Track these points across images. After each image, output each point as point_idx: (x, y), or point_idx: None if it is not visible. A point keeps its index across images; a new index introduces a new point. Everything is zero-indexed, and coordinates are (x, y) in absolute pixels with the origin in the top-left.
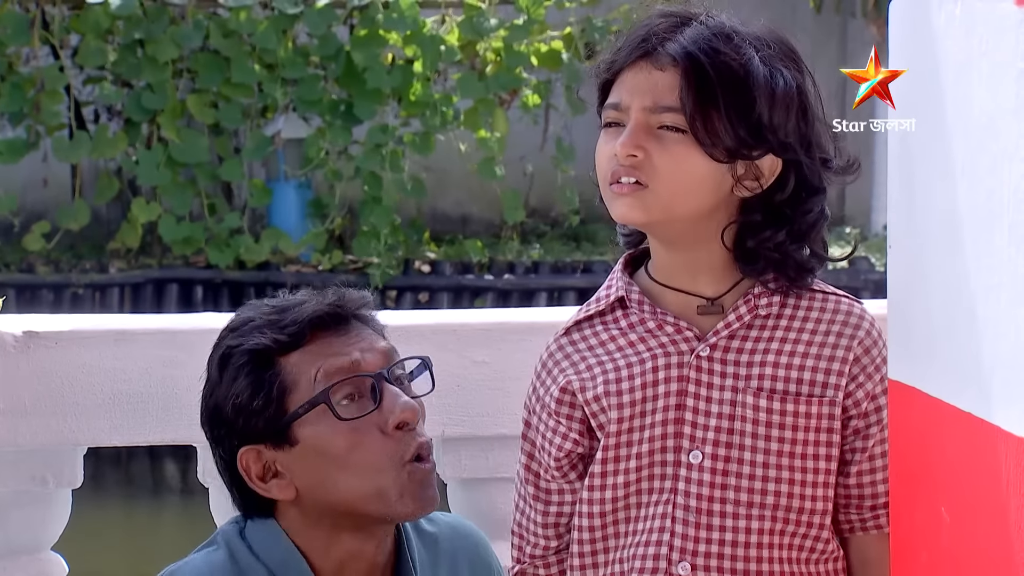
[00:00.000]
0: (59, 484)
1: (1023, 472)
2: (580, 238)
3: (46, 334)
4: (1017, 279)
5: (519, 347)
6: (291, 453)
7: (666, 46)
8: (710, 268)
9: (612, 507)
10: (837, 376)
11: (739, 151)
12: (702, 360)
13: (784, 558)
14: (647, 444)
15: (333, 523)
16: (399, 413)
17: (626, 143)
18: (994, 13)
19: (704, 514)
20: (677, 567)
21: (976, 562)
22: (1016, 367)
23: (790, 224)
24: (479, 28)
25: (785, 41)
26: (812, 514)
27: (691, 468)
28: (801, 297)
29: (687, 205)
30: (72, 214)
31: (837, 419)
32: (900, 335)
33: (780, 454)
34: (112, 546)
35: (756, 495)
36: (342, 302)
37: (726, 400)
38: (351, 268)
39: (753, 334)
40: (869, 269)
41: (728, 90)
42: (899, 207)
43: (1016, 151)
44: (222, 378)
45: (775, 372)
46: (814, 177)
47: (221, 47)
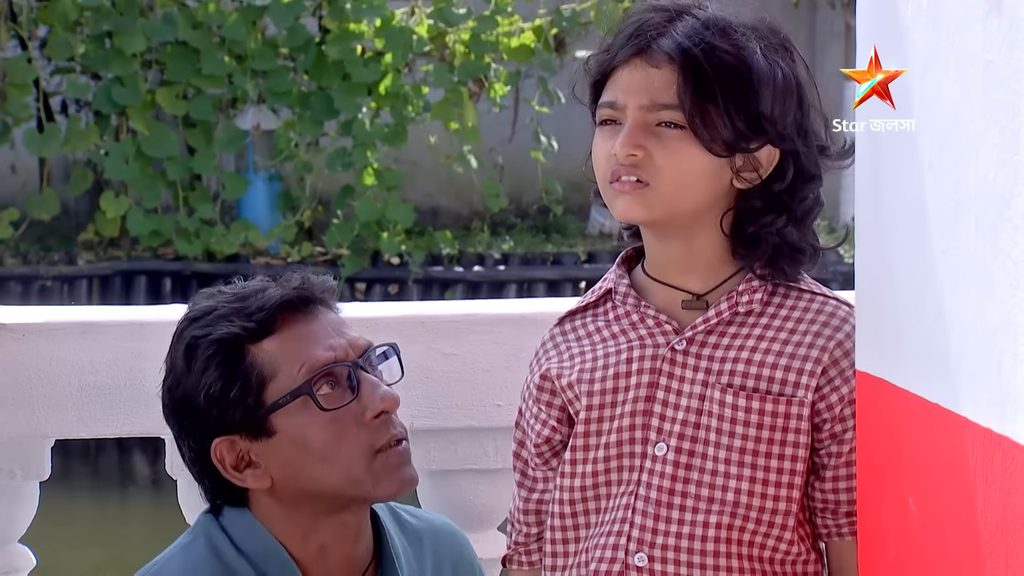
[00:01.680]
0: (27, 476)
1: (989, 462)
2: (550, 230)
3: (14, 326)
4: (984, 271)
5: (488, 339)
6: (267, 443)
7: (660, 42)
8: (704, 263)
9: (582, 495)
10: (809, 376)
11: (738, 144)
12: (676, 353)
13: (743, 555)
14: (615, 434)
15: (310, 510)
16: (379, 402)
17: (625, 143)
18: (962, 5)
19: (664, 506)
20: (634, 557)
21: (943, 551)
22: (982, 358)
23: (788, 211)
24: (448, 19)
25: (777, 30)
26: (773, 514)
27: (655, 460)
28: (787, 296)
29: (688, 200)
30: (41, 204)
31: (805, 420)
32: (867, 326)
33: (743, 451)
34: (81, 539)
35: (717, 491)
36: (308, 286)
37: (695, 394)
38: (320, 260)
39: (731, 330)
40: (838, 261)
41: (726, 85)
42: (867, 199)
43: (983, 143)
44: (190, 369)
45: (746, 369)
46: (811, 165)
47: (190, 39)
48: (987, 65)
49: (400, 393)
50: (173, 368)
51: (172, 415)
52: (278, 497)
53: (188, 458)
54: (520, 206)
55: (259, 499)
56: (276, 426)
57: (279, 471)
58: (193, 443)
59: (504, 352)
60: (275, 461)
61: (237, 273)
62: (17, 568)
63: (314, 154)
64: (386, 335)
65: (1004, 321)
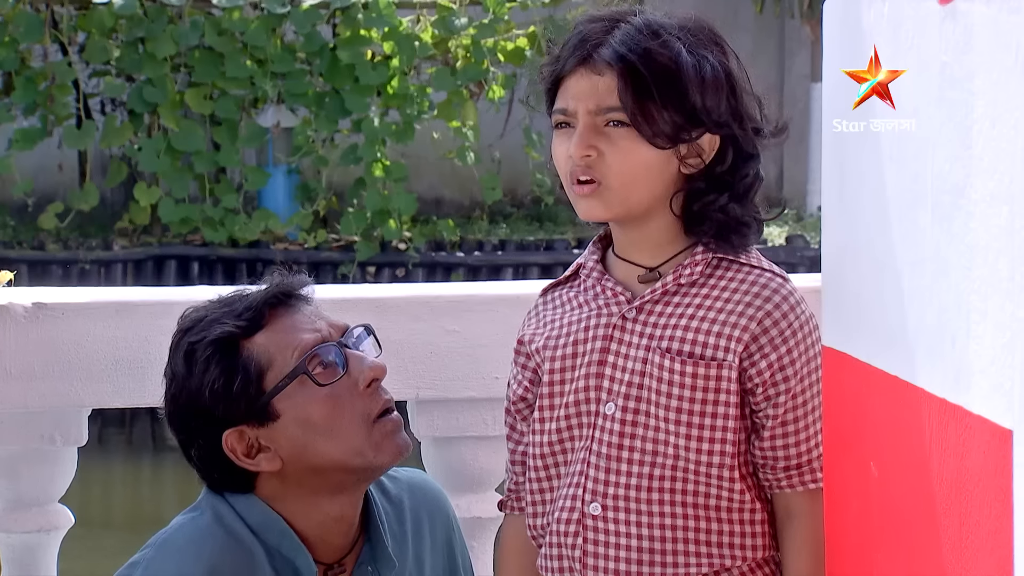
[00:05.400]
0: (66, 443)
1: (944, 429)
2: (543, 218)
3: (54, 305)
4: (939, 255)
5: (486, 317)
6: (273, 427)
7: (600, 51)
8: (657, 241)
9: (550, 450)
10: (736, 342)
11: (679, 136)
12: (626, 321)
13: (688, 503)
14: (573, 395)
15: (312, 488)
16: (368, 372)
17: (579, 145)
18: (919, 11)
19: (614, 460)
20: (589, 507)
21: (902, 511)
22: (938, 335)
23: (731, 189)
24: (450, 26)
25: (706, 26)
26: (711, 467)
27: (606, 419)
28: (728, 269)
29: (640, 191)
30: (83, 196)
31: (734, 382)
32: (833, 305)
33: (679, 411)
34: (114, 499)
35: (660, 445)
36: (289, 283)
37: (639, 358)
38: (335, 246)
39: (675, 300)
40: (805, 247)
41: (661, 84)
42: (832, 190)
43: (939, 138)
44: (191, 372)
45: (684, 335)
46: (748, 145)
47: (215, 44)
48: (943, 66)
49: (408, 367)
50: (174, 376)
51: (178, 420)
52: (285, 478)
53: (197, 457)
54: (516, 197)
55: (265, 482)
56: (279, 409)
57: (287, 451)
58: (202, 441)
59: (501, 329)
60: (283, 442)
61: (258, 258)
62: (57, 526)
63: (329, 149)
64: (395, 314)
65: (958, 301)
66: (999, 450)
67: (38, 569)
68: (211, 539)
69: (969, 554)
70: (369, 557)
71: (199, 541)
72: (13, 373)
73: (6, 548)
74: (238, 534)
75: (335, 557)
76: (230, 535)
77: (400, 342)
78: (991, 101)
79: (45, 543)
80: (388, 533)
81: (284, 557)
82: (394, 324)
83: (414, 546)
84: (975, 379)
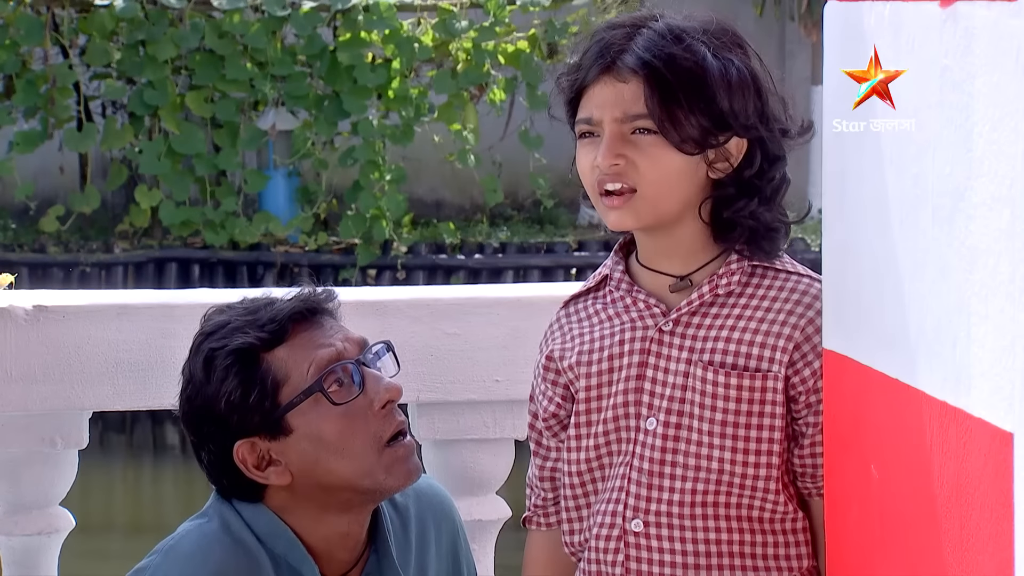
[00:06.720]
0: (67, 445)
1: (944, 432)
2: (543, 221)
3: (55, 308)
4: (940, 257)
5: (487, 320)
6: (285, 442)
7: (624, 58)
8: (686, 249)
9: (587, 467)
10: (781, 352)
11: (707, 141)
12: (664, 334)
13: (732, 516)
14: (611, 411)
15: (320, 504)
16: (384, 393)
17: (606, 154)
18: (920, 14)
19: (656, 476)
20: (631, 523)
21: (902, 515)
22: (938, 337)
23: (759, 193)
24: (451, 29)
25: (728, 28)
26: (755, 479)
27: (647, 434)
28: (764, 276)
29: (671, 200)
30: (84, 199)
31: (780, 393)
32: (834, 308)
33: (724, 424)
34: (116, 502)
35: (703, 460)
36: (314, 297)
37: (680, 372)
38: (335, 248)
39: (713, 311)
40: (805, 249)
41: (688, 89)
42: (833, 192)
43: (939, 140)
44: (209, 379)
45: (725, 347)
46: (775, 147)
47: (216, 47)
48: (943, 69)
49: (408, 369)
50: (192, 379)
51: (191, 423)
52: (294, 492)
53: (207, 461)
54: (516, 200)
55: (274, 494)
56: (292, 425)
57: (297, 466)
58: (213, 447)
59: (502, 332)
60: (294, 457)
61: (259, 261)
62: (58, 528)
63: (329, 152)
64: (395, 317)
65: (958, 303)
66: (1000, 453)
67: (39, 572)
68: (218, 546)
69: (970, 557)
70: (375, 568)
71: (206, 548)
72: (14, 376)
73: (7, 551)
74: (245, 542)
75: (341, 570)
76: (237, 543)
77: (400, 345)
78: (992, 104)
79: (46, 546)
80: (394, 543)
81: (290, 567)
82: (394, 327)
83: (418, 553)
84: (976, 382)
